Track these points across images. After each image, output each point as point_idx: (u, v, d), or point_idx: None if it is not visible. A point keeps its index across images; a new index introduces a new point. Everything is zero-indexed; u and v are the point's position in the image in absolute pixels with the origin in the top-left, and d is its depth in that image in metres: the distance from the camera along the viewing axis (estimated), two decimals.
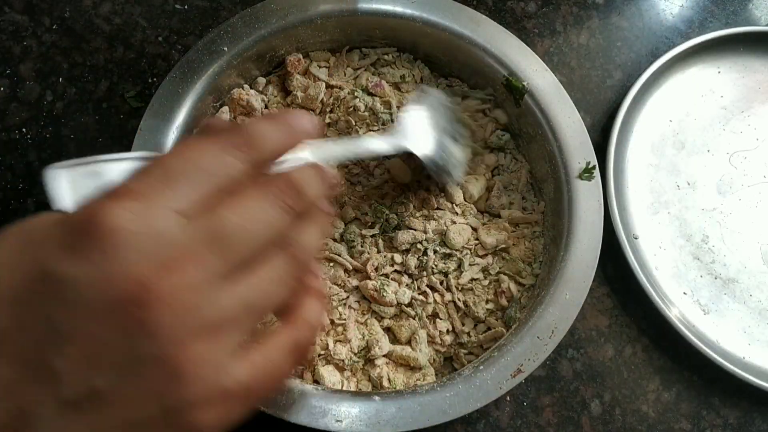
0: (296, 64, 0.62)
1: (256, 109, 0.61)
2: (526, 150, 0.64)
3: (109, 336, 0.24)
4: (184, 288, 0.25)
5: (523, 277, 0.59)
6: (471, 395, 0.50)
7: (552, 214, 0.60)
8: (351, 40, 0.64)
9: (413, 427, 0.49)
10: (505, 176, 0.63)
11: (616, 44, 0.75)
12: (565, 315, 0.54)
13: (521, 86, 0.60)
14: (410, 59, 0.65)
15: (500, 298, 0.57)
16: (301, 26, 0.60)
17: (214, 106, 0.60)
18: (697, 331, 0.63)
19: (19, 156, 0.62)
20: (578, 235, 0.56)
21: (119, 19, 0.68)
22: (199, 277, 0.25)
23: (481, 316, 0.57)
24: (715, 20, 0.77)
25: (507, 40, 0.62)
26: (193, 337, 0.25)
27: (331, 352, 0.54)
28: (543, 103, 0.60)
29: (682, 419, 0.61)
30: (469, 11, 0.62)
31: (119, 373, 0.24)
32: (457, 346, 0.57)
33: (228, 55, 0.58)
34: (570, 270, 0.55)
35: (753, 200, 0.70)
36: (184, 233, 0.25)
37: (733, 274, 0.67)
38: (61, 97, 0.64)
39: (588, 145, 0.59)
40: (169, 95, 0.56)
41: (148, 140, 0.54)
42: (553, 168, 0.60)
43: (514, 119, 0.64)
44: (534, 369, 0.51)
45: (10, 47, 0.65)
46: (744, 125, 0.72)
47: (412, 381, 0.55)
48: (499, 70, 0.61)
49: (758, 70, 0.75)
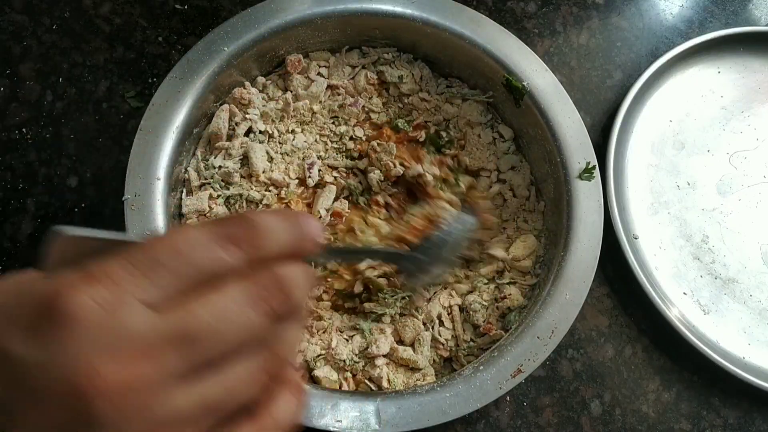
0: (296, 64, 0.62)
1: (257, 105, 0.61)
2: (526, 150, 0.64)
3: (52, 424, 0.23)
4: (136, 385, 0.23)
5: (525, 280, 0.59)
6: (471, 395, 0.50)
7: (552, 214, 0.60)
8: (351, 40, 0.64)
9: (413, 427, 0.49)
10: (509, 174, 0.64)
11: (616, 44, 0.75)
12: (565, 315, 0.54)
13: (521, 86, 0.60)
14: (410, 59, 0.65)
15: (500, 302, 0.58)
16: (301, 26, 0.60)
17: (214, 105, 0.60)
18: (697, 331, 0.63)
19: (19, 156, 0.62)
20: (578, 235, 0.56)
21: (119, 19, 0.68)
22: (154, 375, 0.24)
23: (481, 323, 0.57)
24: (715, 20, 0.77)
25: (507, 40, 0.62)
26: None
27: (332, 352, 0.54)
28: (543, 104, 0.60)
29: (682, 419, 0.61)
30: (469, 11, 0.62)
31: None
32: (457, 347, 0.57)
33: (228, 55, 0.58)
34: (570, 270, 0.55)
35: (753, 200, 0.70)
36: (149, 328, 0.24)
37: (733, 274, 0.67)
38: (61, 97, 0.64)
39: (588, 145, 0.59)
40: (169, 95, 0.56)
41: (148, 141, 0.54)
42: (553, 168, 0.60)
43: (514, 120, 0.64)
44: (534, 369, 0.51)
45: (10, 47, 0.65)
46: (744, 125, 0.72)
47: (412, 381, 0.55)
48: (499, 70, 0.61)
49: (758, 70, 0.75)
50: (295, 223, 0.29)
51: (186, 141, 0.57)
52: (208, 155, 0.60)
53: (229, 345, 0.26)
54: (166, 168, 0.54)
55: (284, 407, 0.29)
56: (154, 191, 0.53)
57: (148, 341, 0.24)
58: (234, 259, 0.26)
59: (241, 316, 0.26)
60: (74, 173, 0.62)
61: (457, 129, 0.65)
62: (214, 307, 0.25)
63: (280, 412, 0.29)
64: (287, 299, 0.27)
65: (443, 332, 0.57)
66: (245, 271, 0.27)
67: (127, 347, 0.24)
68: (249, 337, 0.26)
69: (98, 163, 0.63)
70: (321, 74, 0.63)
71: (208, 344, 0.25)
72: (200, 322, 0.25)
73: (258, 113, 0.61)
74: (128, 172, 0.53)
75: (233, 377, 0.26)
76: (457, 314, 0.58)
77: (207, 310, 0.25)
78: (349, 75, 0.64)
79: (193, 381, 0.25)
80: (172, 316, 0.25)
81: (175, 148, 0.55)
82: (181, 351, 0.25)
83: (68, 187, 0.62)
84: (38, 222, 0.60)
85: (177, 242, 0.26)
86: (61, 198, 0.61)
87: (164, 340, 0.24)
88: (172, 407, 0.24)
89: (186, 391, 0.25)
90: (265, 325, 0.27)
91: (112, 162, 0.63)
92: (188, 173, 0.59)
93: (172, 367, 0.24)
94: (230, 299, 0.26)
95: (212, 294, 0.25)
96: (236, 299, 0.26)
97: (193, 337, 0.25)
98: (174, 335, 0.24)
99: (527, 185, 0.63)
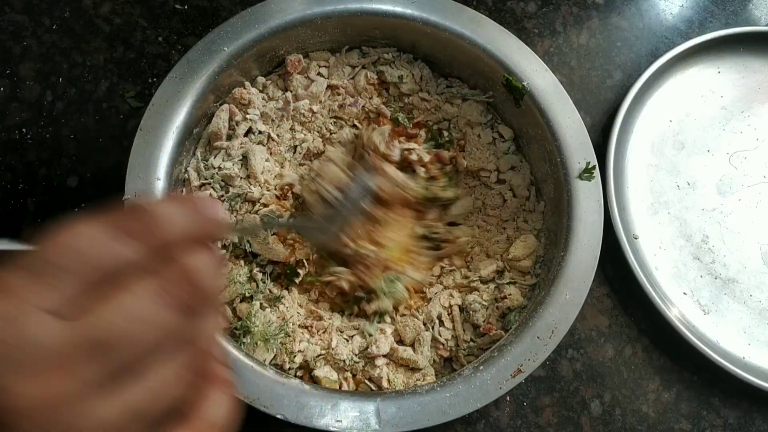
0: (296, 64, 0.62)
1: (257, 105, 0.61)
2: (527, 150, 0.64)
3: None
4: (53, 400, 0.22)
5: (525, 280, 0.59)
6: (471, 395, 0.50)
7: (552, 214, 0.60)
8: (351, 40, 0.64)
9: (413, 427, 0.49)
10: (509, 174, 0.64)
11: (616, 44, 0.75)
12: (565, 315, 0.54)
13: (521, 86, 0.60)
14: (410, 59, 0.65)
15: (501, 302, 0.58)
16: (301, 26, 0.60)
17: (214, 105, 0.60)
18: (697, 331, 0.63)
19: (19, 156, 0.62)
20: (578, 235, 0.56)
21: (119, 19, 0.68)
22: (70, 387, 0.23)
23: (481, 323, 0.57)
24: (715, 20, 0.77)
25: (507, 40, 0.62)
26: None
27: (332, 352, 0.54)
28: (543, 104, 0.60)
29: (682, 419, 0.61)
30: (469, 11, 0.62)
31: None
32: (457, 347, 0.57)
33: (228, 55, 0.58)
34: (570, 270, 0.55)
35: (753, 200, 0.70)
36: (57, 339, 0.23)
37: (733, 274, 0.67)
38: (61, 97, 0.64)
39: (588, 145, 0.59)
40: (169, 95, 0.56)
41: (148, 141, 0.54)
42: (553, 168, 0.60)
43: (514, 120, 0.64)
44: (534, 369, 0.51)
45: (10, 47, 0.65)
46: (744, 125, 0.72)
47: (412, 381, 0.55)
48: (499, 70, 0.61)
49: (758, 70, 0.75)
50: (193, 206, 0.28)
51: (186, 141, 0.57)
52: (207, 155, 0.60)
53: (145, 347, 0.24)
54: (166, 168, 0.54)
55: (216, 406, 0.28)
56: (154, 191, 0.53)
57: (58, 352, 0.23)
58: (133, 252, 0.25)
59: (152, 314, 0.24)
60: (74, 173, 0.62)
61: (457, 129, 0.65)
62: (123, 308, 0.24)
63: (212, 411, 0.28)
64: (197, 289, 0.26)
65: (443, 332, 0.57)
66: (149, 265, 0.25)
67: (37, 361, 0.23)
68: (165, 336, 0.25)
69: (98, 163, 0.63)
70: (321, 74, 0.63)
71: (123, 348, 0.24)
72: (111, 326, 0.24)
73: (258, 113, 0.61)
74: (128, 171, 0.53)
75: (156, 379, 0.25)
76: (457, 314, 0.58)
77: (116, 313, 0.24)
78: (349, 75, 0.64)
79: (113, 389, 0.24)
80: (80, 322, 0.23)
81: (175, 148, 0.55)
82: (96, 359, 0.23)
83: (68, 187, 0.62)
84: (38, 222, 0.60)
85: (71, 241, 0.24)
86: (61, 198, 0.61)
87: (76, 350, 0.23)
88: (95, 419, 0.23)
89: (108, 401, 0.24)
90: (180, 320, 0.25)
91: (112, 162, 0.63)
92: (188, 173, 0.59)
93: (89, 377, 0.23)
94: (138, 298, 0.24)
95: (119, 293, 0.24)
96: (144, 297, 0.24)
97: (105, 342, 0.23)
98: (85, 343, 0.23)
99: (527, 185, 0.63)
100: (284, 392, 0.49)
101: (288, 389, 0.49)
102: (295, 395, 0.49)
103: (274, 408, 0.48)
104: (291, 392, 0.49)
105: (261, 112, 0.61)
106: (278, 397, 0.48)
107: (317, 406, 0.48)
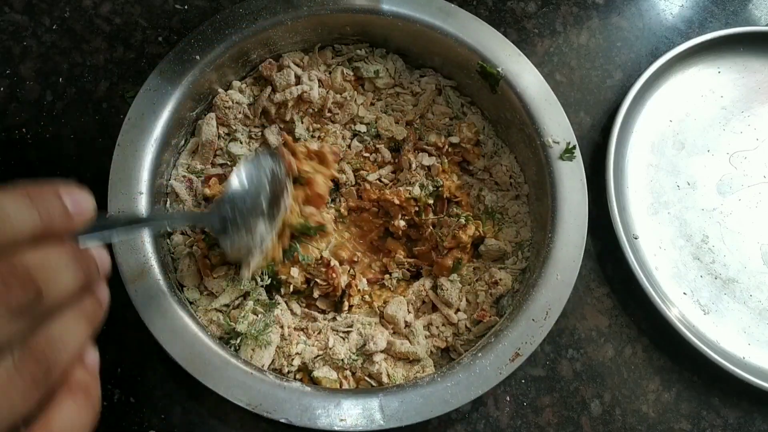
0: (269, 68, 0.62)
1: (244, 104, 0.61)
2: (505, 135, 0.64)
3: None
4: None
5: (513, 264, 0.59)
6: (472, 383, 0.50)
7: (536, 198, 0.60)
8: (323, 38, 0.64)
9: (417, 420, 0.49)
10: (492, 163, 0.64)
11: (616, 44, 0.75)
12: (557, 296, 0.54)
13: (496, 72, 0.60)
14: (383, 53, 0.65)
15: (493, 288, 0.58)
16: (271, 29, 0.60)
17: (190, 114, 0.60)
18: (697, 331, 0.63)
19: (19, 156, 0.62)
20: (564, 215, 0.57)
21: (119, 19, 0.68)
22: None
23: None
24: (715, 20, 0.77)
25: (479, 28, 0.61)
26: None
27: (330, 352, 0.55)
28: (518, 87, 0.60)
29: (682, 419, 0.61)
30: (439, 1, 0.62)
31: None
32: (454, 336, 0.57)
33: (201, 63, 0.57)
34: (558, 251, 0.55)
35: (753, 200, 0.70)
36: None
37: (733, 274, 0.67)
38: (61, 97, 0.64)
39: (567, 126, 0.59)
40: (144, 108, 0.55)
41: (127, 155, 0.54)
42: (534, 151, 0.60)
43: (491, 107, 0.64)
44: (532, 351, 0.52)
45: (10, 47, 0.65)
46: (744, 125, 0.72)
47: (411, 374, 0.55)
48: (473, 57, 0.61)
49: (758, 70, 0.75)
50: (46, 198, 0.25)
51: (165, 153, 0.57)
52: (196, 165, 0.60)
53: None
54: (147, 182, 0.54)
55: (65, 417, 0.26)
56: (137, 206, 0.53)
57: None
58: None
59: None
60: (74, 173, 0.62)
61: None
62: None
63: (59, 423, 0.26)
64: (32, 289, 0.24)
65: (434, 319, 0.58)
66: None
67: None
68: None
69: (98, 163, 0.63)
70: (296, 74, 0.63)
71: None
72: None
73: (240, 116, 0.61)
74: (110, 188, 0.52)
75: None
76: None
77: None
78: (324, 72, 0.64)
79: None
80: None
81: (154, 161, 0.55)
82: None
83: None
84: None
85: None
86: None
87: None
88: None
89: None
90: (14, 325, 0.23)
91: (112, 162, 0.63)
92: (172, 186, 0.59)
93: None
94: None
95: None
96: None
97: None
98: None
99: (510, 171, 0.63)
100: (286, 396, 0.49)
101: (289, 392, 0.49)
102: (297, 398, 0.49)
103: (277, 413, 0.48)
104: (293, 395, 0.49)
105: (243, 114, 0.61)
106: (280, 401, 0.48)
107: (320, 407, 0.48)
